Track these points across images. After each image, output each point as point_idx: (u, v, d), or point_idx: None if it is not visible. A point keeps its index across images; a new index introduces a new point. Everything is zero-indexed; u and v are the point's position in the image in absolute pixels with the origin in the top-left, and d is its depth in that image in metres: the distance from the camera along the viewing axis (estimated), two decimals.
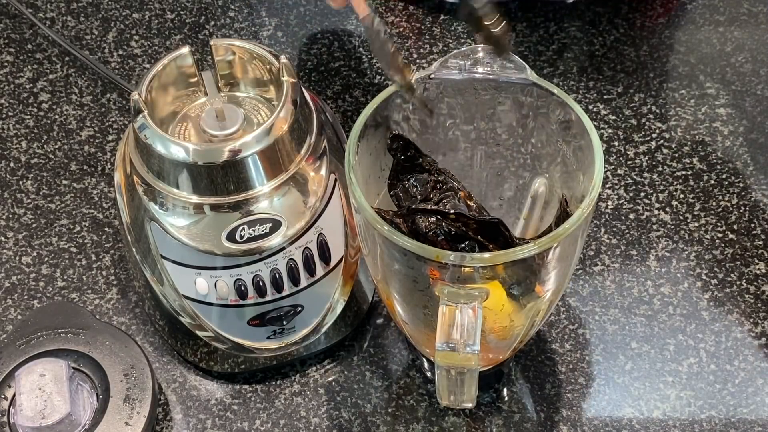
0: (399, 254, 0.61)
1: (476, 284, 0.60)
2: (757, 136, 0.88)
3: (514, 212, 0.73)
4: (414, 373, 0.77)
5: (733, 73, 0.92)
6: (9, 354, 0.74)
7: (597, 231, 0.83)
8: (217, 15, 0.99)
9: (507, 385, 0.76)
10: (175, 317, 0.74)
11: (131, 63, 0.96)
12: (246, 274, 0.71)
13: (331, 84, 0.94)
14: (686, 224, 0.83)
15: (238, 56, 0.74)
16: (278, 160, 0.70)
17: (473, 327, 0.59)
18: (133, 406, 0.71)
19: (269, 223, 0.70)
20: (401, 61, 0.66)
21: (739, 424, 0.73)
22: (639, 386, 0.75)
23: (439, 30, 0.97)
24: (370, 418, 0.75)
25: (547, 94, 0.66)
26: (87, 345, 0.74)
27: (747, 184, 0.85)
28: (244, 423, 0.75)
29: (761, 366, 0.76)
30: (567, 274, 0.65)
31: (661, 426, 0.73)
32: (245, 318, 0.73)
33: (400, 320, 0.69)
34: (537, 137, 0.69)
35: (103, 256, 0.83)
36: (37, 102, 0.94)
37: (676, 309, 0.79)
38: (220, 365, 0.76)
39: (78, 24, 0.99)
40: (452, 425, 0.74)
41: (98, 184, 0.88)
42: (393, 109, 0.67)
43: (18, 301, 0.81)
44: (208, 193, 0.69)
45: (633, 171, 0.86)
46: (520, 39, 0.96)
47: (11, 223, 0.85)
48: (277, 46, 0.97)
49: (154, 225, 0.71)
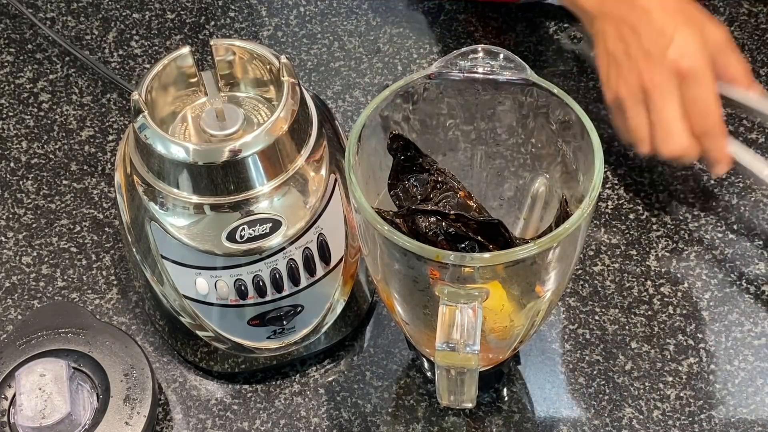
0: (399, 254, 0.61)
1: (476, 284, 0.60)
2: (757, 136, 0.88)
3: (514, 212, 0.73)
4: (414, 373, 0.77)
5: None
6: (9, 354, 0.74)
7: (597, 231, 0.83)
8: (217, 15, 0.99)
9: (507, 385, 0.76)
10: (175, 317, 0.74)
11: (131, 63, 0.96)
12: (246, 274, 0.71)
13: (331, 84, 0.94)
14: (686, 224, 0.83)
15: (238, 56, 0.74)
16: (278, 160, 0.70)
17: (473, 327, 0.59)
18: (133, 406, 0.71)
19: (269, 223, 0.70)
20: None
21: (739, 424, 0.73)
22: (639, 386, 0.75)
23: (439, 30, 0.97)
24: (370, 418, 0.75)
25: (547, 94, 0.66)
26: (87, 345, 0.74)
27: (747, 184, 0.85)
28: (244, 423, 0.75)
29: (761, 366, 0.76)
30: (567, 274, 0.65)
31: (661, 426, 0.73)
32: (245, 318, 0.73)
33: (400, 320, 0.69)
34: (537, 137, 0.69)
35: (104, 256, 0.83)
36: (37, 102, 0.94)
37: (676, 309, 0.79)
38: (220, 365, 0.76)
39: (78, 24, 0.99)
40: (452, 425, 0.74)
41: (98, 184, 0.88)
42: (393, 109, 0.67)
43: (18, 301, 0.81)
44: (208, 193, 0.69)
45: (633, 171, 0.86)
46: (520, 39, 0.96)
47: (11, 223, 0.86)
48: (277, 46, 0.97)
49: (154, 225, 0.71)
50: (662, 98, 0.76)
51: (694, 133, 0.77)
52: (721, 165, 0.79)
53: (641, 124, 0.78)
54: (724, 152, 0.78)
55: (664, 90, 0.76)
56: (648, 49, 0.76)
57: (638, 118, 0.78)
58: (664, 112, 0.76)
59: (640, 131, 0.78)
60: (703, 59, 0.76)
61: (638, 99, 0.77)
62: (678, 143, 0.76)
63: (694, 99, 0.76)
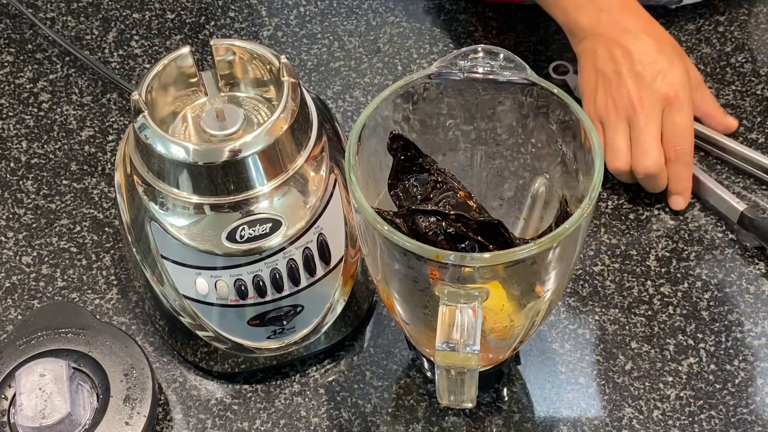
0: (399, 254, 0.61)
1: (476, 284, 0.60)
2: (757, 136, 0.88)
3: (514, 212, 0.73)
4: (414, 373, 0.77)
5: (733, 73, 0.92)
6: (9, 354, 0.74)
7: (597, 231, 0.83)
8: (217, 15, 0.99)
9: (507, 385, 0.76)
10: (175, 317, 0.74)
11: (131, 63, 0.96)
12: (246, 274, 0.71)
13: (331, 84, 0.94)
14: (686, 224, 0.83)
15: (238, 56, 0.74)
16: (278, 160, 0.70)
17: (473, 327, 0.59)
18: (133, 406, 0.71)
19: (269, 223, 0.70)
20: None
21: (739, 424, 0.73)
22: (639, 386, 0.75)
23: (439, 30, 0.97)
24: (370, 418, 0.75)
25: (547, 94, 0.66)
26: (87, 345, 0.74)
27: (747, 185, 0.85)
28: (244, 423, 0.75)
29: (761, 366, 0.76)
30: (567, 274, 0.65)
31: (661, 426, 0.73)
32: (245, 318, 0.73)
33: (400, 320, 0.69)
34: (537, 137, 0.69)
35: (104, 256, 0.83)
36: (37, 102, 0.94)
37: (676, 309, 0.79)
38: (220, 365, 0.76)
39: (78, 24, 0.99)
40: (452, 425, 0.74)
41: (98, 184, 0.88)
42: (393, 109, 0.67)
43: (18, 301, 0.81)
44: (209, 193, 0.69)
45: None
46: (520, 39, 0.96)
47: (11, 223, 0.86)
48: (277, 46, 0.97)
49: (154, 225, 0.71)
50: (647, 117, 0.81)
51: (667, 156, 0.82)
52: (682, 196, 0.83)
53: (621, 139, 0.82)
54: (688, 182, 0.83)
55: (651, 111, 0.81)
56: (639, 72, 0.82)
57: (619, 134, 0.82)
58: (646, 130, 0.81)
59: (618, 146, 0.82)
60: (689, 91, 0.82)
61: (622, 116, 0.82)
62: (654, 160, 0.81)
63: (675, 123, 0.81)
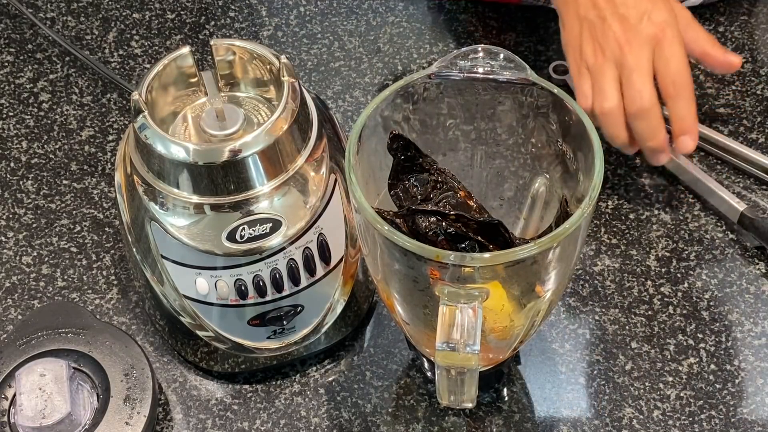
0: (399, 254, 0.61)
1: (476, 284, 0.60)
2: (757, 136, 0.88)
3: (514, 212, 0.73)
4: (414, 373, 0.77)
5: (733, 73, 0.92)
6: (9, 354, 0.74)
7: (597, 231, 0.83)
8: (217, 15, 0.99)
9: (507, 385, 0.76)
10: (175, 317, 0.74)
11: (131, 63, 0.96)
12: (246, 274, 0.71)
13: (331, 84, 0.94)
14: (686, 224, 0.83)
15: (238, 56, 0.74)
16: (278, 160, 0.70)
17: (473, 327, 0.59)
18: (133, 406, 0.71)
19: (269, 223, 0.70)
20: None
21: (739, 424, 0.73)
22: (639, 386, 0.75)
23: (439, 30, 0.97)
24: (370, 418, 0.75)
25: (547, 94, 0.66)
26: (87, 345, 0.74)
27: (747, 185, 0.85)
28: (245, 423, 0.75)
29: (761, 366, 0.76)
30: (567, 274, 0.65)
31: (661, 426, 0.73)
32: (245, 318, 0.73)
33: (400, 320, 0.69)
34: (537, 137, 0.69)
35: (104, 256, 0.83)
36: (37, 102, 0.94)
37: (676, 309, 0.79)
38: (221, 365, 0.76)
39: (78, 24, 0.99)
40: (452, 425, 0.74)
41: (98, 184, 0.88)
42: (393, 109, 0.67)
43: (18, 301, 0.81)
44: (209, 193, 0.69)
45: (633, 171, 0.86)
46: (520, 39, 0.96)
47: (11, 223, 0.86)
48: (277, 46, 0.97)
49: (154, 225, 0.71)
50: (636, 57, 0.77)
51: (666, 95, 0.78)
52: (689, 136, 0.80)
53: (609, 80, 0.78)
54: (693, 119, 0.79)
55: (639, 51, 0.77)
56: (624, 14, 0.78)
57: (607, 76, 0.78)
58: (636, 69, 0.77)
59: (605, 86, 0.78)
60: (676, 29, 0.78)
61: (610, 59, 0.78)
62: (647, 99, 0.77)
63: (667, 61, 0.78)
